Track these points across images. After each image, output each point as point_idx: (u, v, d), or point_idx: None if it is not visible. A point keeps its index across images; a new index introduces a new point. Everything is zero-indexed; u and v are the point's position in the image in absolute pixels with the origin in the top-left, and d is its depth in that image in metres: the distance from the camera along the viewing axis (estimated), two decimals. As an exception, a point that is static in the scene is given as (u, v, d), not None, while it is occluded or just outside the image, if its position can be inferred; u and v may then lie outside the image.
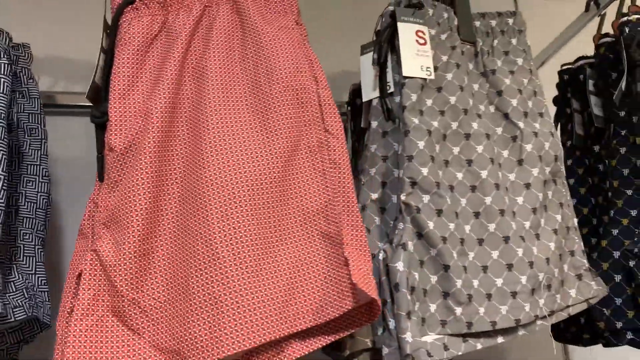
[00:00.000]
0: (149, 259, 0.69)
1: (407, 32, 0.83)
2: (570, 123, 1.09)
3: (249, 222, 0.68)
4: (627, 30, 0.97)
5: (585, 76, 1.06)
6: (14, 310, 0.79)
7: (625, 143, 0.98)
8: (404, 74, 0.81)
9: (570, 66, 1.12)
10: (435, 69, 0.85)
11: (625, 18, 0.99)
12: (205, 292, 0.65)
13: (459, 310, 0.77)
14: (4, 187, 0.76)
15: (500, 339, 0.80)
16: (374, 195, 0.82)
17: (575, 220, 0.91)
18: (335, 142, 0.74)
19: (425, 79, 0.83)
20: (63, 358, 0.63)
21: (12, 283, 0.82)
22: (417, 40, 0.83)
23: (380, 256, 0.76)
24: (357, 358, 0.76)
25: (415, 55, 0.82)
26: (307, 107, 0.74)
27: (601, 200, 1.03)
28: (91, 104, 0.80)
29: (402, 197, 0.77)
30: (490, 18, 0.94)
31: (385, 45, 0.83)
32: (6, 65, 0.78)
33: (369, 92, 0.86)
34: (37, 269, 0.87)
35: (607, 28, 1.13)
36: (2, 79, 0.77)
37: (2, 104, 0.77)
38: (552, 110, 1.16)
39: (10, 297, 0.80)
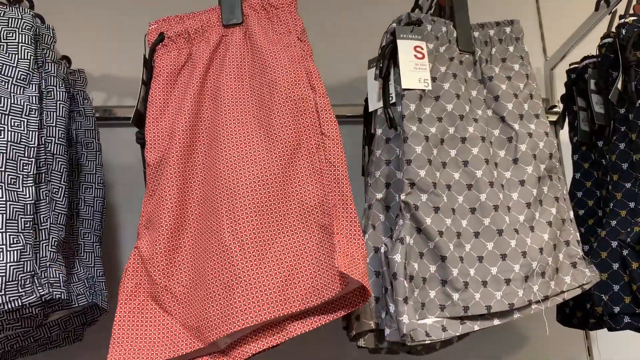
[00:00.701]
0: (177, 253, 0.83)
1: (406, 48, 0.92)
2: (577, 120, 1.15)
3: (253, 218, 0.80)
4: (623, 31, 1.03)
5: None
6: (77, 297, 0.94)
7: (625, 139, 1.04)
8: (403, 86, 0.90)
9: (576, 65, 1.18)
10: (434, 79, 0.94)
11: (622, 20, 1.04)
12: (217, 278, 0.78)
13: (456, 296, 0.86)
14: (65, 195, 0.91)
15: (496, 321, 0.88)
16: (379, 195, 0.92)
17: (571, 212, 0.98)
18: (331, 144, 0.84)
19: (423, 90, 0.92)
20: (112, 334, 0.78)
21: (75, 275, 0.97)
22: (415, 55, 0.92)
23: (382, 249, 0.86)
24: (362, 338, 0.87)
25: (414, 69, 0.92)
26: (305, 115, 0.85)
27: (605, 193, 1.09)
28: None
29: (402, 197, 0.87)
30: (489, 28, 1.02)
31: (386, 61, 0.93)
32: (64, 92, 0.93)
33: (374, 103, 0.96)
34: (96, 263, 1.02)
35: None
36: (61, 105, 0.92)
37: (62, 126, 0.92)
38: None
39: (74, 286, 0.95)
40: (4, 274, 0.76)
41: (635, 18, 1.03)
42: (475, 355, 1.31)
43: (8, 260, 0.77)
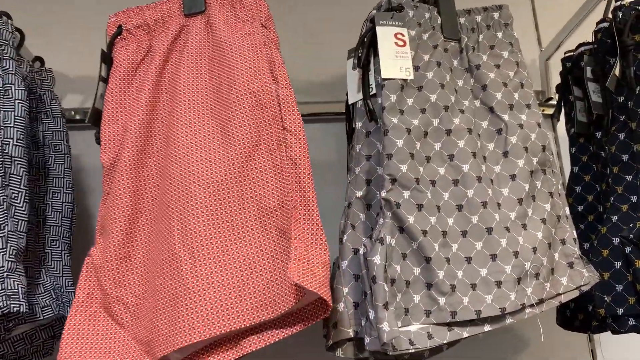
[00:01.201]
0: (129, 261, 0.78)
1: (386, 35, 0.86)
2: (573, 110, 1.09)
3: (206, 223, 0.73)
4: (620, 14, 0.96)
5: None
6: (43, 309, 0.89)
7: (624, 129, 0.97)
8: (383, 76, 0.84)
9: (572, 53, 1.11)
10: (417, 68, 0.88)
11: (618, 2, 0.98)
12: (166, 290, 0.72)
13: (442, 300, 0.80)
14: (26, 200, 0.85)
15: (487, 327, 0.82)
16: (359, 193, 0.86)
17: (567, 209, 0.91)
18: (293, 139, 0.77)
19: (405, 80, 0.86)
20: (59, 349, 0.72)
21: (41, 285, 0.92)
22: (396, 43, 0.86)
23: (361, 251, 0.80)
24: (340, 347, 0.81)
25: (394, 57, 0.85)
26: (266, 108, 0.78)
27: (605, 186, 1.02)
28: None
29: (383, 194, 0.81)
30: (476, 14, 0.95)
31: (365, 49, 0.87)
32: (23, 91, 0.87)
33: (354, 95, 0.90)
34: (64, 272, 0.97)
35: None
36: (20, 104, 0.86)
37: (21, 127, 0.86)
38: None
39: (39, 297, 0.90)
40: (-48, 286, 0.71)
41: (632, 0, 0.97)
42: (470, 362, 1.24)
43: (-42, 271, 0.72)
